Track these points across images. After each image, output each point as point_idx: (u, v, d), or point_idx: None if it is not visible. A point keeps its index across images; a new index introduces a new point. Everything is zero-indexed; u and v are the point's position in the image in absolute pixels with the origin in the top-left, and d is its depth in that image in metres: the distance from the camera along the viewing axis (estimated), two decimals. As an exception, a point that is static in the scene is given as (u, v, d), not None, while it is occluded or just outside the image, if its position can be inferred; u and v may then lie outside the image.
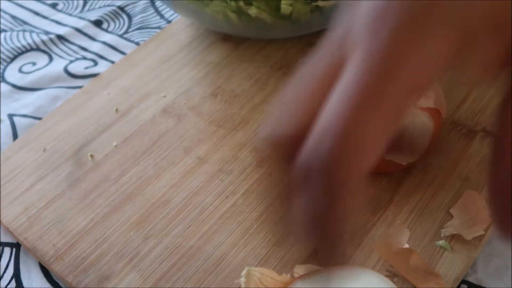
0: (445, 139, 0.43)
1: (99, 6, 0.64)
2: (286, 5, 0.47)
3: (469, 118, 0.44)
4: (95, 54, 0.58)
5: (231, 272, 0.37)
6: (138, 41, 0.59)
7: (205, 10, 0.49)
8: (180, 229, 0.40)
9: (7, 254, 0.42)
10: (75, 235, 0.41)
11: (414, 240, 0.37)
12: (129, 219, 0.41)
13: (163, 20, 0.61)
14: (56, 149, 0.47)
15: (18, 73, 0.57)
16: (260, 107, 0.48)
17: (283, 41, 0.54)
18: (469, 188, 0.40)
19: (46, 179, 0.44)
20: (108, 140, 0.47)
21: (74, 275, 0.38)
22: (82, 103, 0.50)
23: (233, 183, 0.42)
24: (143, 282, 0.37)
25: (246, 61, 0.52)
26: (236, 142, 0.45)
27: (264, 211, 0.40)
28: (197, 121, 0.48)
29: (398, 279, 0.36)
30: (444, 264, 0.36)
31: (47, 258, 0.40)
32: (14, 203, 0.43)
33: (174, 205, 0.42)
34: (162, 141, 0.46)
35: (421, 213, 0.39)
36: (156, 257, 0.39)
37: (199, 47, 0.55)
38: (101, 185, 0.44)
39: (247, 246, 0.38)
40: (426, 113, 0.38)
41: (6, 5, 0.66)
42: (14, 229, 0.41)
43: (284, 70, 0.51)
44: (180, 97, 0.50)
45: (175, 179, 0.43)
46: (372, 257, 0.37)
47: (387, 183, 0.41)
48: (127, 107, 0.49)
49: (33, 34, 0.60)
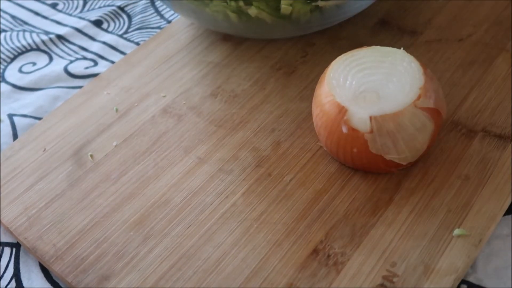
0: (445, 139, 0.43)
1: (99, 6, 0.64)
2: (286, 5, 0.47)
3: (469, 118, 0.44)
4: (95, 54, 0.58)
5: (231, 272, 0.37)
6: (138, 41, 0.59)
7: (205, 10, 0.49)
8: (180, 229, 0.40)
9: (7, 254, 0.42)
10: (75, 235, 0.41)
11: (414, 240, 0.37)
12: (129, 219, 0.41)
13: (163, 20, 0.61)
14: (56, 149, 0.47)
15: (18, 73, 0.57)
16: (260, 107, 0.48)
17: (283, 41, 0.54)
18: (469, 188, 0.40)
19: (46, 179, 0.44)
20: (108, 140, 0.47)
21: (74, 275, 0.38)
22: (82, 103, 0.50)
23: (233, 183, 0.42)
24: (143, 282, 0.37)
25: (246, 61, 0.52)
26: (236, 142, 0.45)
27: (264, 211, 0.40)
28: (197, 121, 0.48)
29: (398, 279, 0.36)
30: (444, 264, 0.36)
31: (47, 258, 0.40)
32: (14, 203, 0.43)
33: (174, 205, 0.42)
34: (162, 141, 0.46)
35: (421, 213, 0.39)
36: (156, 257, 0.39)
37: (199, 47, 0.55)
38: (101, 185, 0.44)
39: (247, 246, 0.39)
40: (426, 113, 0.38)
41: (6, 5, 0.66)
42: (14, 229, 0.42)
43: (284, 70, 0.51)
44: (180, 97, 0.50)
45: (175, 179, 0.43)
46: (372, 257, 0.37)
47: (387, 183, 0.41)
48: (127, 107, 0.49)
49: (33, 34, 0.61)
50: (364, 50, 0.42)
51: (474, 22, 0.53)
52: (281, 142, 0.45)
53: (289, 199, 0.41)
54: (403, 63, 0.40)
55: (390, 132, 0.38)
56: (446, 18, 0.54)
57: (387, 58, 0.41)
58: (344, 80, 0.40)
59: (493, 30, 0.52)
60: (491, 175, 0.40)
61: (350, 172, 0.42)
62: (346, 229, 0.39)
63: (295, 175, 0.42)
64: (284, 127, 0.46)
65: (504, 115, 0.44)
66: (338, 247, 0.38)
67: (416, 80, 0.39)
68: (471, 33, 0.52)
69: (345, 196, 0.40)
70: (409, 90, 0.38)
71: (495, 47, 0.50)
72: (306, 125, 0.46)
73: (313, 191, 0.41)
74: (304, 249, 0.38)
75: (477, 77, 0.47)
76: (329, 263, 0.37)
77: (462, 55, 0.50)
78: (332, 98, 0.39)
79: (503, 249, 0.38)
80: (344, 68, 0.41)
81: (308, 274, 0.37)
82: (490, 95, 0.46)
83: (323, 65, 0.48)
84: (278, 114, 0.47)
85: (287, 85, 0.49)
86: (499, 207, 0.38)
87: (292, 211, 0.40)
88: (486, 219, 0.38)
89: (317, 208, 0.40)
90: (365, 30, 0.54)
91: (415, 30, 0.53)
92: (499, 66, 0.48)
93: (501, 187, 0.40)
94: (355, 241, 0.38)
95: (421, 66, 0.40)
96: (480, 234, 0.37)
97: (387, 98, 0.38)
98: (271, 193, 0.41)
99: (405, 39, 0.52)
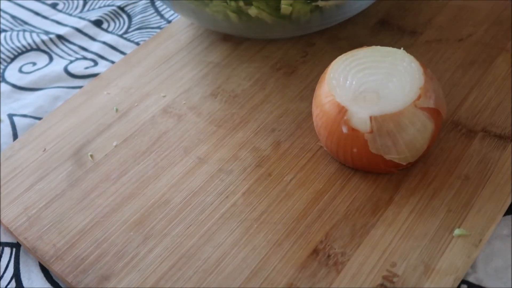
0: (445, 139, 0.43)
1: (99, 6, 0.64)
2: (286, 5, 0.47)
3: (469, 118, 0.44)
4: (95, 54, 0.58)
5: (231, 272, 0.37)
6: (138, 41, 0.59)
7: (205, 10, 0.49)
8: (180, 229, 0.40)
9: (7, 254, 0.42)
10: (75, 235, 0.41)
11: (414, 240, 0.37)
12: (129, 219, 0.41)
13: (163, 20, 0.61)
14: (56, 149, 0.47)
15: (18, 73, 0.57)
16: (260, 107, 0.48)
17: (283, 41, 0.54)
18: (469, 188, 0.40)
19: (46, 179, 0.44)
20: (108, 140, 0.47)
21: (74, 275, 0.38)
22: (82, 103, 0.50)
23: (233, 183, 0.42)
24: (143, 282, 0.37)
25: (246, 61, 0.52)
26: (236, 142, 0.45)
27: (264, 211, 0.40)
28: (197, 121, 0.48)
29: (398, 279, 0.36)
30: (444, 264, 0.36)
31: (47, 258, 0.40)
32: (14, 203, 0.43)
33: (174, 205, 0.42)
34: (162, 141, 0.46)
35: (421, 213, 0.39)
36: (156, 257, 0.39)
37: (199, 47, 0.55)
38: (101, 185, 0.44)
39: (247, 246, 0.39)
40: (426, 113, 0.38)
41: (6, 5, 0.66)
42: (14, 229, 0.42)
43: (284, 70, 0.51)
44: (180, 97, 0.50)
45: (175, 179, 0.43)
46: (372, 257, 0.37)
47: (387, 183, 0.41)
48: (127, 107, 0.49)
49: (33, 34, 0.61)
50: (364, 50, 0.42)
51: (474, 22, 0.53)
52: (281, 142, 0.45)
53: (289, 199, 0.41)
54: (403, 63, 0.40)
55: (390, 132, 0.38)
56: (446, 18, 0.54)
57: (387, 58, 0.41)
58: (344, 80, 0.40)
59: (493, 30, 0.52)
60: (491, 175, 0.40)
61: (350, 172, 0.42)
62: (346, 229, 0.39)
63: (295, 175, 0.42)
64: (284, 127, 0.46)
65: (504, 115, 0.44)
66: (338, 247, 0.38)
67: (416, 80, 0.39)
68: (471, 33, 0.52)
69: (345, 196, 0.40)
70: (409, 90, 0.38)
71: (495, 47, 0.50)
72: (306, 125, 0.46)
73: (313, 191, 0.41)
74: (304, 249, 0.38)
75: (477, 77, 0.47)
76: (329, 263, 0.37)
77: (462, 55, 0.50)
78: (332, 98, 0.39)
79: (503, 249, 0.38)
80: (344, 68, 0.41)
81: (308, 274, 0.37)
82: (490, 95, 0.46)
83: (323, 65, 0.48)
84: (278, 114, 0.47)
85: (287, 85, 0.49)
86: (499, 207, 0.38)
87: (292, 211, 0.40)
88: (486, 219, 0.38)
89: (317, 208, 0.40)
90: (365, 30, 0.54)
91: (415, 30, 0.53)
92: (499, 66, 0.48)
93: (501, 187, 0.40)
94: (355, 241, 0.38)
95: (421, 66, 0.40)
96: (480, 234, 0.37)
97: (387, 98, 0.38)
98: (271, 193, 0.41)
99: (405, 39, 0.52)
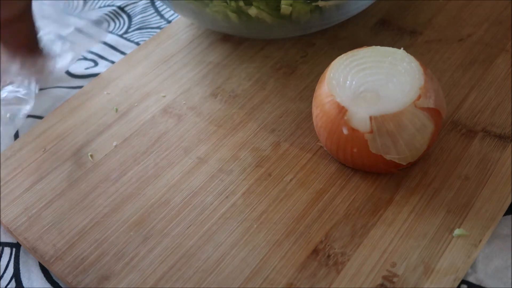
0: (445, 139, 0.43)
1: (99, 6, 0.64)
2: (286, 5, 0.47)
3: (469, 118, 0.44)
4: (95, 54, 0.58)
5: (231, 272, 0.37)
6: (138, 41, 0.59)
7: (205, 10, 0.49)
8: (180, 229, 0.40)
9: (7, 254, 0.42)
10: (75, 235, 0.41)
11: (414, 240, 0.37)
12: (129, 219, 0.41)
13: (163, 20, 0.61)
14: (56, 149, 0.47)
15: (18, 73, 0.57)
16: (260, 107, 0.48)
17: (283, 41, 0.54)
18: (469, 188, 0.40)
19: (46, 179, 0.44)
20: (108, 140, 0.47)
21: (74, 275, 0.38)
22: (82, 103, 0.50)
23: (233, 183, 0.42)
24: (143, 282, 0.37)
25: (246, 61, 0.52)
26: (236, 142, 0.45)
27: (264, 211, 0.40)
28: (197, 121, 0.48)
29: (398, 279, 0.36)
30: (444, 264, 0.36)
31: (47, 258, 0.40)
32: (14, 203, 0.43)
33: (174, 205, 0.42)
34: (162, 141, 0.46)
35: (421, 213, 0.39)
36: (156, 257, 0.39)
37: (199, 47, 0.55)
38: (101, 185, 0.44)
39: (247, 246, 0.38)
40: (426, 113, 0.38)
41: (6, 5, 0.66)
42: (14, 229, 0.42)
43: (284, 70, 0.51)
44: (180, 97, 0.50)
45: (175, 179, 0.43)
46: (372, 257, 0.37)
47: (387, 183, 0.41)
48: (127, 107, 0.49)
49: (33, 34, 0.60)
50: (364, 50, 0.42)
51: (474, 22, 0.53)
52: (281, 142, 0.45)
53: (289, 199, 0.41)
54: (403, 63, 0.40)
55: (390, 132, 0.38)
56: (446, 18, 0.54)
57: (387, 58, 0.41)
58: (344, 80, 0.40)
59: (493, 30, 0.52)
60: (491, 175, 0.40)
61: (350, 172, 0.42)
62: (346, 229, 0.39)
63: (295, 175, 0.42)
64: (284, 127, 0.46)
65: (504, 115, 0.44)
66: (338, 247, 0.38)
67: (416, 80, 0.39)
68: (471, 33, 0.52)
69: (345, 196, 0.40)
70: (409, 90, 0.38)
71: (495, 47, 0.50)
72: (306, 125, 0.46)
73: (313, 191, 0.41)
74: (304, 249, 0.38)
75: (477, 77, 0.47)
76: (329, 263, 0.37)
77: (462, 55, 0.50)
78: (332, 98, 0.39)
79: (503, 249, 0.38)
80: (344, 68, 0.41)
81: (308, 274, 0.37)
82: (490, 95, 0.46)
83: (323, 65, 0.48)
84: (278, 114, 0.47)
85: (287, 85, 0.49)
86: (499, 207, 0.38)
87: (292, 211, 0.40)
88: (486, 219, 0.38)
89: (317, 208, 0.40)
90: (365, 30, 0.54)
91: (415, 30, 0.53)
92: (499, 66, 0.48)
93: (501, 187, 0.40)
94: (355, 241, 0.38)
95: (421, 66, 0.40)
96: (480, 234, 0.37)
97: (387, 98, 0.38)
98: (271, 193, 0.41)
99: (405, 39, 0.52)
